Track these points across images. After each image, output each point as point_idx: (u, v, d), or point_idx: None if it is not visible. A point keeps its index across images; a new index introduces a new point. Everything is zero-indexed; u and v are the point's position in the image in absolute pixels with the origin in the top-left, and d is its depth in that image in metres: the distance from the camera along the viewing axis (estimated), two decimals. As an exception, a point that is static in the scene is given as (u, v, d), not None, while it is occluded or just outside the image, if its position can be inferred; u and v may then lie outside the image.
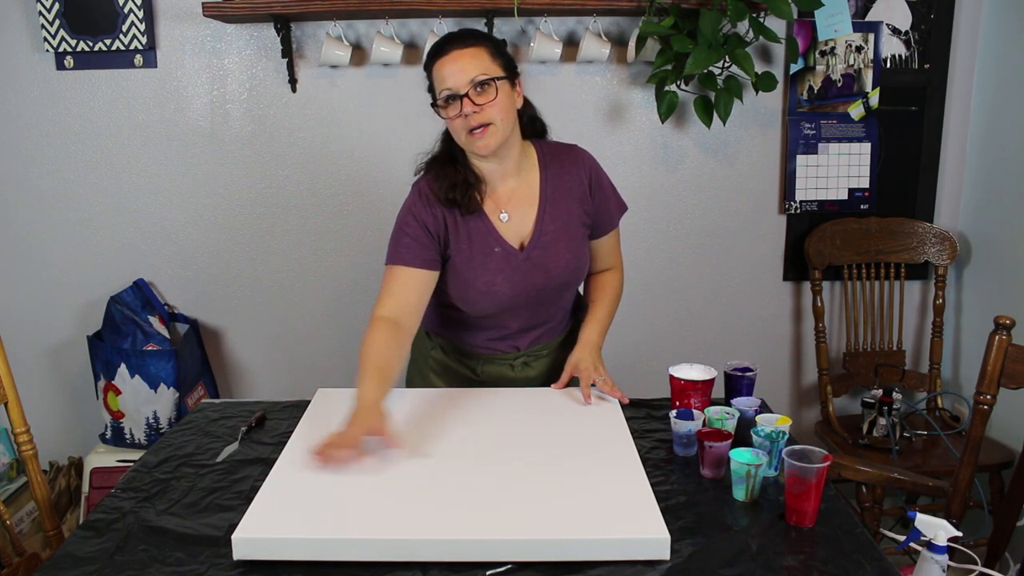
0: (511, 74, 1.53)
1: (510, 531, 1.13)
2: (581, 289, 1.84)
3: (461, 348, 1.75)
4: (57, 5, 2.32)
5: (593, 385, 1.62)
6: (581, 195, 1.64)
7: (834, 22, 2.38)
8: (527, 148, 1.63)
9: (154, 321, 2.47)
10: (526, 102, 1.61)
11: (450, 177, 1.56)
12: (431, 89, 1.52)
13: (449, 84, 1.47)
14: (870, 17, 2.44)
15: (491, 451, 1.38)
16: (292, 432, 1.48)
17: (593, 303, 1.75)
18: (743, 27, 2.25)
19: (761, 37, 2.25)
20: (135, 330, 2.44)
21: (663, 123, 2.39)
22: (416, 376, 1.82)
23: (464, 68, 1.46)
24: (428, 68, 1.52)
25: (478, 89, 1.46)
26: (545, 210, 1.61)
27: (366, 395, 1.41)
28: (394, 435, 1.35)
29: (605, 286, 1.76)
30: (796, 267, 2.61)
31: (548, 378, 1.75)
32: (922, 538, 1.20)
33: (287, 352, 2.64)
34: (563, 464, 1.33)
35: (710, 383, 1.54)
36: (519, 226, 1.61)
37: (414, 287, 1.56)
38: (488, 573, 1.09)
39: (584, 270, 1.70)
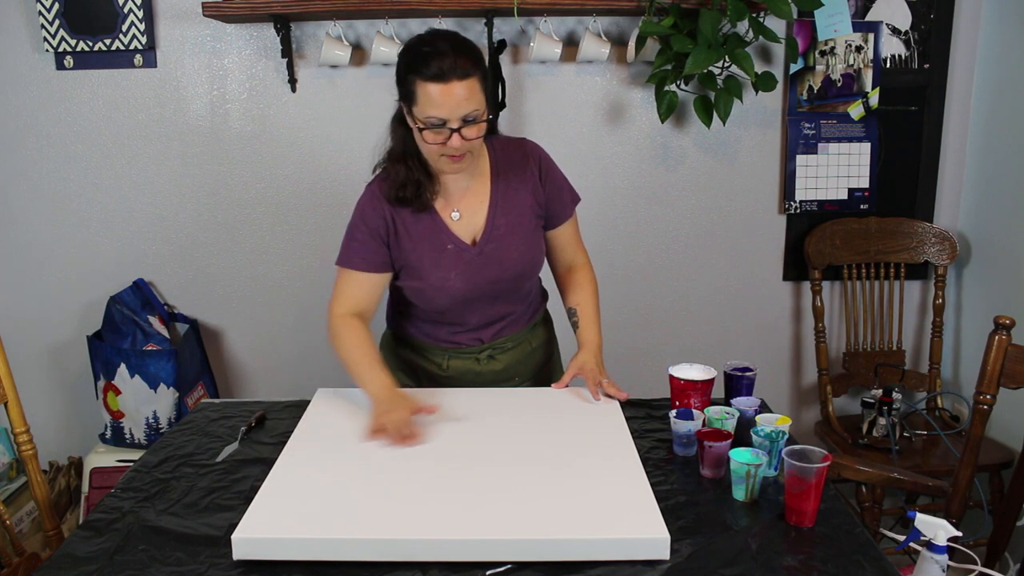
0: (491, 112, 1.51)
1: (510, 531, 1.13)
2: (560, 286, 1.83)
3: (425, 344, 1.74)
4: (57, 5, 2.32)
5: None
6: (532, 186, 1.64)
7: (834, 22, 2.38)
8: (480, 148, 1.61)
9: (154, 321, 2.47)
10: None
11: (401, 175, 1.56)
12: (406, 92, 1.47)
13: (441, 114, 1.42)
14: (870, 17, 2.44)
15: (491, 451, 1.38)
16: (292, 432, 1.48)
17: (580, 305, 1.74)
18: (743, 27, 2.25)
19: (761, 37, 2.25)
20: (135, 330, 2.44)
21: (663, 123, 2.39)
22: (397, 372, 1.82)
23: (460, 104, 1.42)
24: (410, 79, 1.44)
25: (467, 122, 1.45)
26: (497, 205, 1.62)
27: (383, 383, 1.51)
28: (433, 406, 1.49)
29: (583, 283, 1.75)
30: (796, 267, 2.61)
31: (515, 371, 1.76)
32: (922, 538, 1.20)
33: (287, 352, 2.63)
34: (563, 464, 1.33)
35: (710, 383, 1.54)
36: (470, 223, 1.62)
37: (367, 288, 1.63)
38: (488, 573, 1.09)
39: (539, 261, 1.70)
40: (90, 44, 2.36)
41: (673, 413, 1.46)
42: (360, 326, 1.60)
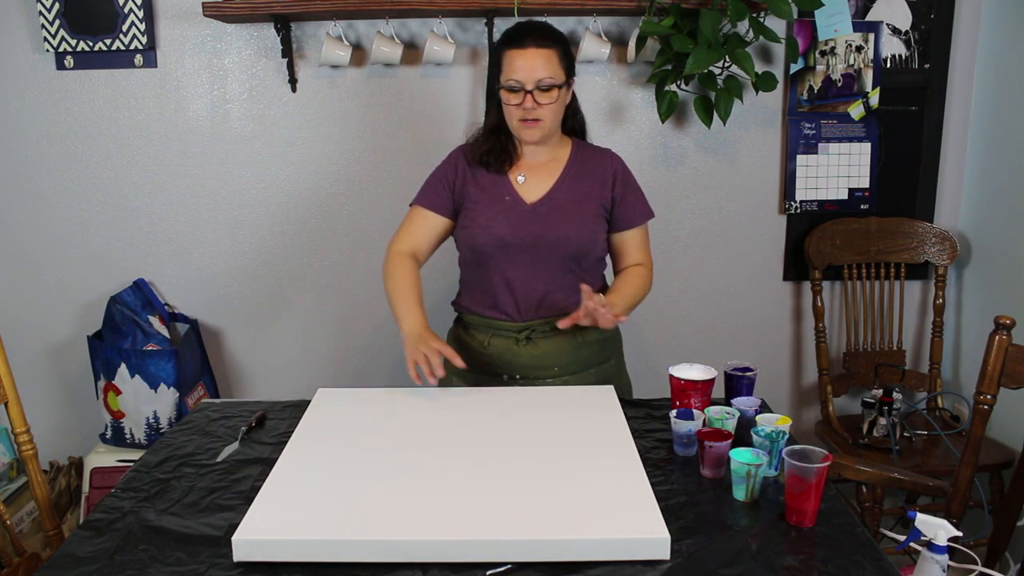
0: (570, 77, 1.71)
1: (510, 531, 1.13)
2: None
3: (472, 320, 1.82)
4: (57, 5, 2.32)
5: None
6: (603, 182, 1.78)
7: (834, 22, 2.38)
8: (564, 140, 1.81)
9: (154, 321, 2.47)
10: (572, 96, 1.79)
11: (490, 143, 1.75)
12: (495, 67, 1.70)
13: (518, 76, 1.63)
14: (870, 17, 2.44)
15: (491, 451, 1.38)
16: (292, 432, 1.48)
17: (616, 283, 1.83)
18: (743, 27, 2.25)
19: (761, 37, 2.25)
20: (135, 330, 2.44)
21: (663, 123, 2.39)
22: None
23: (536, 67, 1.63)
24: (500, 50, 1.68)
25: (542, 90, 1.64)
26: (563, 182, 1.76)
27: (417, 320, 1.66)
28: (455, 353, 1.60)
29: (630, 274, 1.84)
30: (796, 267, 2.61)
31: (555, 360, 1.77)
32: (922, 538, 1.20)
33: (287, 352, 2.64)
34: (563, 464, 1.33)
35: (710, 383, 1.54)
36: (534, 189, 1.76)
37: (424, 227, 1.78)
38: (488, 573, 1.09)
39: (588, 241, 1.76)
40: (90, 44, 2.36)
41: (673, 413, 1.46)
42: (410, 264, 1.75)
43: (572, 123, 1.83)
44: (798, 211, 2.55)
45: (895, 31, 2.45)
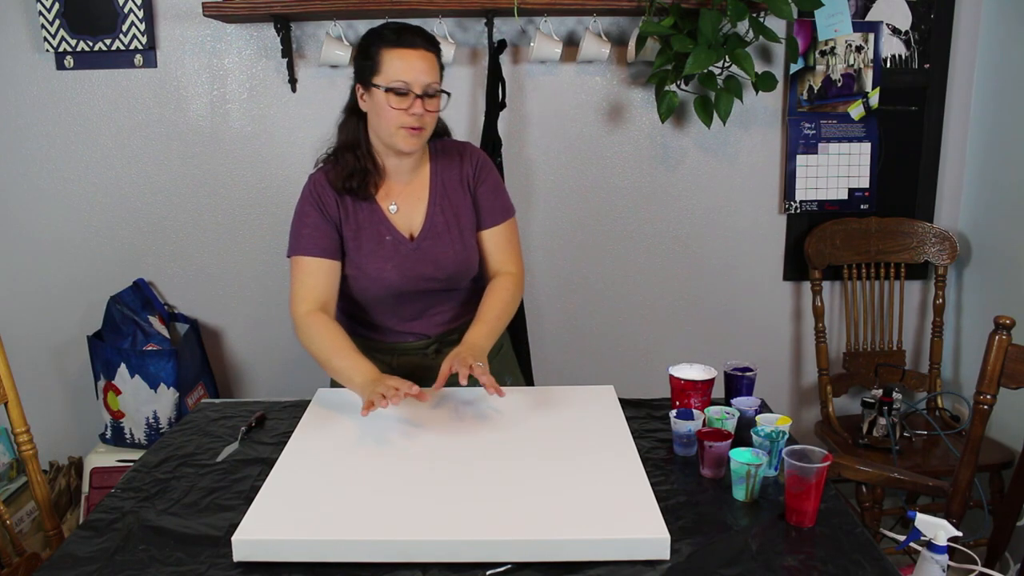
0: (447, 92, 1.60)
1: (510, 531, 1.13)
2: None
3: (372, 343, 1.74)
4: (57, 5, 2.32)
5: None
6: (466, 187, 1.69)
7: (834, 22, 2.38)
8: (423, 149, 1.68)
9: (154, 321, 2.47)
10: None
11: (350, 164, 1.61)
12: (368, 65, 1.54)
13: (407, 78, 1.51)
14: (870, 17, 2.44)
15: (491, 451, 1.38)
16: (292, 432, 1.48)
17: (481, 307, 1.66)
18: (743, 27, 2.25)
19: (761, 37, 2.25)
20: (135, 330, 2.44)
21: (663, 123, 2.39)
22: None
23: (425, 70, 1.52)
24: (376, 48, 1.53)
25: (430, 96, 1.54)
26: (435, 203, 1.67)
27: (368, 371, 1.49)
28: (423, 391, 1.44)
29: (494, 290, 1.69)
30: (796, 267, 2.61)
31: None
32: (922, 538, 1.20)
33: (287, 352, 2.63)
34: (563, 464, 1.33)
35: (710, 383, 1.54)
36: (409, 218, 1.66)
37: (326, 277, 1.61)
38: (488, 573, 1.09)
39: (473, 264, 1.70)
40: (90, 44, 2.36)
41: (673, 413, 1.46)
42: (328, 320, 1.59)
43: (434, 132, 1.68)
44: (798, 211, 2.55)
45: (895, 31, 2.45)
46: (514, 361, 1.93)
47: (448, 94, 1.60)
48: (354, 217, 1.63)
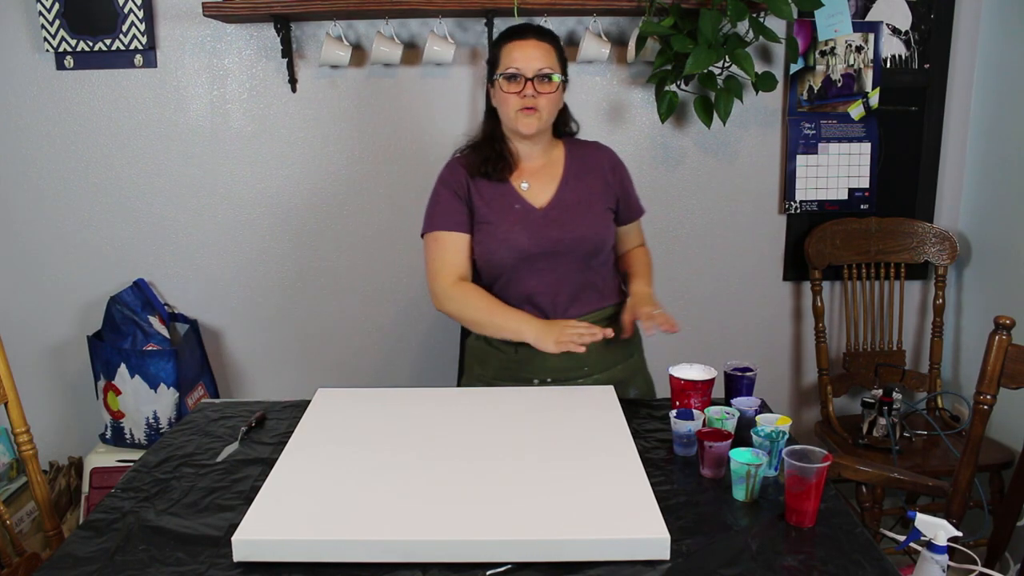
0: (566, 77, 1.74)
1: (510, 531, 1.13)
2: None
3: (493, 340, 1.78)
4: (57, 5, 2.32)
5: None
6: (603, 178, 1.79)
7: (834, 22, 2.38)
8: (556, 142, 1.81)
9: (154, 321, 2.47)
10: (565, 105, 1.80)
11: (486, 151, 1.74)
12: (493, 63, 1.72)
13: (518, 65, 1.66)
14: (870, 17, 2.44)
15: (491, 451, 1.38)
16: (292, 432, 1.48)
17: (629, 266, 1.87)
18: (743, 27, 2.25)
19: (761, 37, 2.25)
20: (135, 330, 2.44)
21: (663, 123, 2.39)
22: (473, 363, 1.84)
23: (536, 57, 1.66)
24: (498, 46, 1.71)
25: (541, 79, 1.66)
26: (567, 183, 1.76)
27: (531, 319, 1.66)
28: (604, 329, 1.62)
29: (636, 253, 1.90)
30: (796, 267, 2.61)
31: (586, 360, 1.72)
32: (922, 538, 1.20)
33: (287, 352, 2.64)
34: (563, 464, 1.33)
35: (710, 383, 1.54)
36: (540, 193, 1.75)
37: (462, 250, 1.73)
38: (488, 573, 1.09)
39: (603, 237, 1.77)
40: (90, 44, 2.36)
41: (673, 413, 1.46)
42: (475, 285, 1.73)
43: (565, 131, 1.83)
44: (798, 211, 2.55)
45: (895, 31, 2.45)
46: (644, 366, 1.93)
47: (566, 80, 1.73)
48: (487, 192, 1.73)
